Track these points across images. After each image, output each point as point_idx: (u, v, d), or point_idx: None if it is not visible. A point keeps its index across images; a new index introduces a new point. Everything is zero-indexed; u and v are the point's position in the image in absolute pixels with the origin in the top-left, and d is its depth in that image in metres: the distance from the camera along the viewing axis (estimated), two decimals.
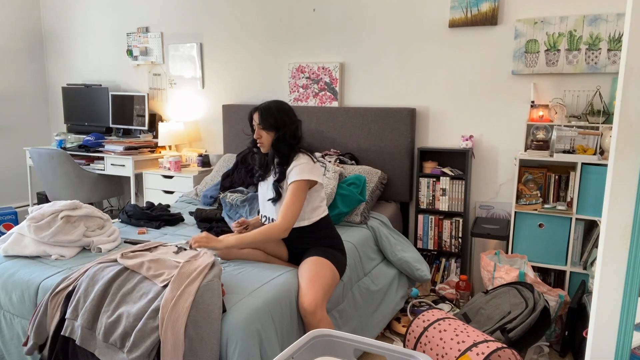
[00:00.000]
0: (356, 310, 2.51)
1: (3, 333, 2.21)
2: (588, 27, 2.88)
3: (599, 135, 2.78)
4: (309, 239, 2.33)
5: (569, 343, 2.54)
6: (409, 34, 3.42)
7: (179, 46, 4.34)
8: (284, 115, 2.26)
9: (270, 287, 2.00)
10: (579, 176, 2.75)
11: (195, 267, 1.90)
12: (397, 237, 3.04)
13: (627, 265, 0.98)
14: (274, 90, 3.99)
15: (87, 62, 4.97)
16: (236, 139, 4.03)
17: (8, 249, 2.35)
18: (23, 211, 4.66)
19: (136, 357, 1.71)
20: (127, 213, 3.01)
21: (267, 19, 3.92)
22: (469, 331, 2.11)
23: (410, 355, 1.14)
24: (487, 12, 3.14)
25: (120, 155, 4.11)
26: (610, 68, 2.86)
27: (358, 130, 3.51)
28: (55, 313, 1.95)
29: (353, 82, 3.66)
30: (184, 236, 2.71)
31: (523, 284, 2.47)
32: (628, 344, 1.00)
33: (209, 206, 3.34)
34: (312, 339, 1.22)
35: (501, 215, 3.31)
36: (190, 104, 4.42)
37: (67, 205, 2.45)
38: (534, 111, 3.00)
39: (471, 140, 3.26)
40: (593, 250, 2.80)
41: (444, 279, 3.35)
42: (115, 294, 1.89)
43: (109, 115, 4.64)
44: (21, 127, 5.12)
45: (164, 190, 4.04)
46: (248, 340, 1.75)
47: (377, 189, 3.23)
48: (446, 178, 3.24)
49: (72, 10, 4.96)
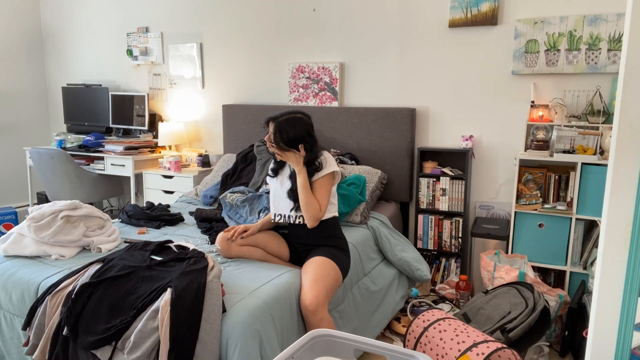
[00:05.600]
0: (356, 310, 2.51)
1: (3, 333, 2.21)
2: (588, 27, 2.88)
3: (599, 135, 2.78)
4: (316, 237, 2.34)
5: (569, 343, 2.54)
6: (409, 34, 3.42)
7: (179, 46, 4.34)
8: (298, 131, 2.28)
9: (270, 287, 2.00)
10: (579, 176, 2.75)
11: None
12: (397, 237, 3.04)
13: (627, 265, 0.98)
14: (274, 90, 3.99)
15: (87, 62, 4.97)
16: (236, 139, 4.03)
17: (8, 249, 2.35)
18: (23, 211, 4.67)
19: (136, 357, 1.71)
20: (127, 213, 3.01)
21: (267, 19, 3.92)
22: (469, 331, 2.11)
23: (410, 355, 1.14)
24: (487, 12, 3.14)
25: (120, 155, 4.11)
26: (610, 68, 2.86)
27: (358, 130, 3.51)
28: (54, 313, 1.95)
29: (353, 82, 3.66)
30: (184, 236, 2.72)
31: (523, 284, 2.47)
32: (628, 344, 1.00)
33: (209, 206, 3.34)
34: (312, 339, 1.22)
35: (501, 215, 3.31)
36: (190, 104, 4.42)
37: (67, 205, 2.45)
38: (534, 111, 3.00)
39: (471, 140, 3.26)
40: (593, 250, 2.80)
41: (444, 279, 3.35)
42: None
43: (109, 115, 4.64)
44: (21, 127, 5.12)
45: (164, 190, 4.04)
46: (248, 340, 1.75)
47: (377, 189, 3.23)
48: (446, 178, 3.24)
49: (72, 10, 4.96)
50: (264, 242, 2.38)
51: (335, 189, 2.42)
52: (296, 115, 2.31)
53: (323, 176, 2.29)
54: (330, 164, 2.31)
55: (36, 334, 1.97)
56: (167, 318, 1.72)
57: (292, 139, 2.25)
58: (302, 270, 2.20)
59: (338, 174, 2.38)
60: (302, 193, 2.25)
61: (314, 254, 2.27)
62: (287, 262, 2.42)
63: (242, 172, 3.52)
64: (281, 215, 2.39)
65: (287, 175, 2.38)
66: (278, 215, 2.40)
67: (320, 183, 2.29)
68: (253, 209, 2.87)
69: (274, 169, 2.44)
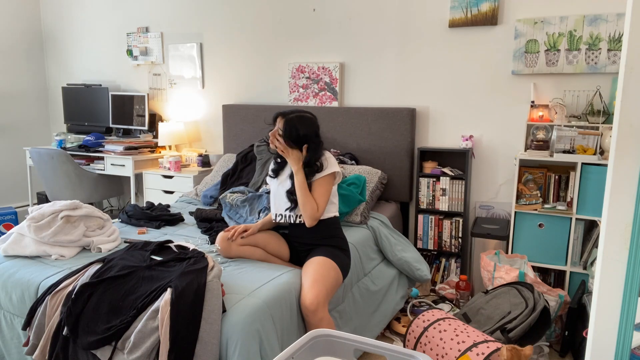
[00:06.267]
0: (356, 310, 2.51)
1: (3, 333, 2.21)
2: (588, 27, 2.88)
3: (599, 135, 2.78)
4: (317, 236, 2.34)
5: (569, 343, 2.54)
6: (409, 33, 3.42)
7: (179, 46, 4.34)
8: (307, 130, 2.29)
9: (270, 287, 2.00)
10: (579, 176, 2.75)
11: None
12: (397, 237, 3.04)
13: (627, 265, 0.98)
14: (274, 90, 3.99)
15: (87, 62, 4.97)
16: (236, 139, 4.03)
17: (8, 249, 2.35)
18: (23, 211, 4.67)
19: (136, 357, 1.71)
20: (127, 213, 3.01)
21: (267, 19, 3.92)
22: (469, 331, 2.11)
23: (410, 355, 1.14)
24: (487, 12, 3.14)
25: (120, 155, 4.11)
26: (610, 68, 2.86)
27: (358, 130, 3.51)
28: (54, 313, 1.95)
29: (353, 82, 3.66)
30: (184, 236, 2.72)
31: (523, 284, 2.47)
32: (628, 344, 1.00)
33: (209, 206, 3.34)
34: (312, 339, 1.22)
35: (501, 215, 3.31)
36: (190, 104, 4.42)
37: (67, 205, 2.45)
38: (534, 111, 3.00)
39: (471, 140, 3.26)
40: (593, 250, 2.80)
41: (444, 279, 3.35)
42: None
43: (109, 115, 4.64)
44: (21, 127, 5.12)
45: (164, 190, 4.04)
46: (248, 340, 1.75)
47: (377, 189, 3.23)
48: (446, 178, 3.24)
49: (72, 10, 4.96)
50: (264, 242, 2.38)
51: (336, 189, 2.42)
52: (306, 114, 2.32)
53: (323, 176, 2.29)
54: (332, 164, 2.32)
55: (36, 334, 1.97)
56: (167, 318, 1.72)
57: (302, 136, 2.26)
58: (303, 270, 2.20)
59: (339, 175, 2.38)
60: (299, 192, 2.26)
61: (314, 253, 2.27)
62: (287, 262, 2.42)
63: (242, 172, 3.52)
64: (282, 215, 2.39)
65: (287, 175, 2.38)
66: (279, 215, 2.40)
67: (320, 183, 2.29)
68: (253, 209, 2.87)
69: (275, 170, 2.45)
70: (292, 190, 2.32)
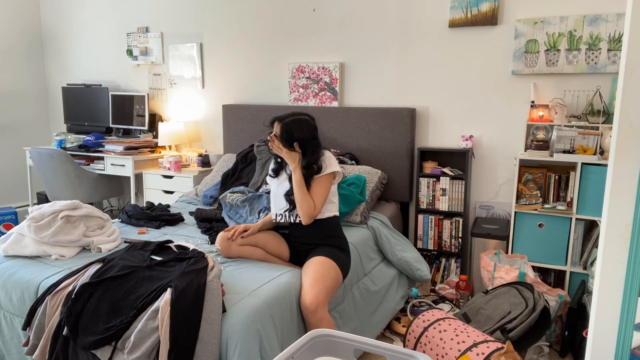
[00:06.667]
0: (356, 310, 2.51)
1: (3, 333, 2.21)
2: (588, 27, 2.88)
3: (599, 135, 2.78)
4: (317, 236, 2.34)
5: (569, 343, 2.54)
6: (409, 34, 3.42)
7: (179, 46, 4.34)
8: (304, 133, 2.30)
9: (270, 287, 2.00)
10: (579, 176, 2.75)
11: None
12: (397, 237, 3.04)
13: (627, 265, 0.98)
14: (274, 90, 3.99)
15: (87, 62, 4.97)
16: (236, 139, 4.03)
17: (8, 249, 2.35)
18: (23, 211, 4.67)
19: (136, 357, 1.71)
20: (127, 213, 3.01)
21: (267, 19, 3.92)
22: (469, 331, 2.11)
23: (410, 355, 1.14)
24: (487, 12, 3.14)
25: (120, 155, 4.11)
26: (610, 68, 2.86)
27: (358, 130, 3.51)
28: (54, 313, 1.95)
29: (353, 82, 3.66)
30: (184, 236, 2.72)
31: (523, 284, 2.47)
32: (628, 344, 1.00)
33: (209, 206, 3.34)
34: (312, 339, 1.22)
35: (501, 215, 3.31)
36: (190, 104, 4.42)
37: (67, 205, 2.45)
38: (534, 111, 3.00)
39: (471, 140, 3.26)
40: (593, 250, 2.80)
41: (444, 279, 3.35)
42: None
43: (109, 115, 4.64)
44: (21, 127, 5.12)
45: (164, 190, 4.04)
46: (248, 340, 1.75)
47: (377, 189, 3.23)
48: (446, 178, 3.24)
49: (72, 10, 4.96)
50: (264, 242, 2.38)
51: (336, 189, 2.42)
52: (302, 117, 2.32)
53: (323, 175, 2.30)
54: (331, 164, 2.32)
55: (36, 334, 1.97)
56: (167, 318, 1.72)
57: (298, 140, 2.27)
58: (303, 270, 2.20)
59: (339, 174, 2.38)
60: (296, 190, 2.26)
61: (314, 253, 2.27)
62: (287, 262, 2.42)
63: (242, 172, 3.52)
64: (282, 215, 2.40)
65: (286, 175, 2.38)
66: (279, 215, 2.41)
67: (319, 182, 2.29)
68: (253, 209, 2.87)
69: (275, 169, 2.45)
70: (290, 192, 2.32)
